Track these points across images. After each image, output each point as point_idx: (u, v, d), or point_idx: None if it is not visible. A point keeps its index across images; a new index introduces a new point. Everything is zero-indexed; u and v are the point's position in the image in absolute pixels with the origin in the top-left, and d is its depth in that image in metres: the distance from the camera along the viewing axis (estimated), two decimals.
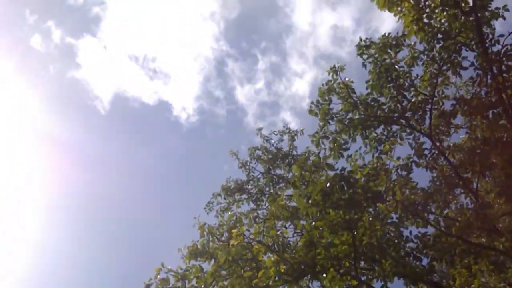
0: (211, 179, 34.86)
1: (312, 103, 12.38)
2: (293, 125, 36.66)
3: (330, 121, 12.68)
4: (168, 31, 38.41)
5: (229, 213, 15.03)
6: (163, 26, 37.13)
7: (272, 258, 9.71)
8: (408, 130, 12.77)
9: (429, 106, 12.64)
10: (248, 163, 19.48)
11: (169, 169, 36.68)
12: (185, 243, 11.74)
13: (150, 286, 10.55)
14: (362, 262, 10.90)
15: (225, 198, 19.33)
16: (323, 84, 12.40)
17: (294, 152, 18.81)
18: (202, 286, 10.57)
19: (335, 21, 37.32)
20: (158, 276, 10.89)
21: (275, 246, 10.53)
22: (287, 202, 12.91)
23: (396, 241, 10.88)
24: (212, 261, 11.28)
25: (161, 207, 35.13)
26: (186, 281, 11.07)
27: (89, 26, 34.86)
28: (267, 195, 18.96)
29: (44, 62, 33.80)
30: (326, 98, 12.45)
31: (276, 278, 9.35)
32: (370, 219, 10.45)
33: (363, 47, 12.40)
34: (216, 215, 18.85)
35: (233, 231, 10.05)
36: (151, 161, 35.43)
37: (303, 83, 37.72)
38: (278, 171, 19.11)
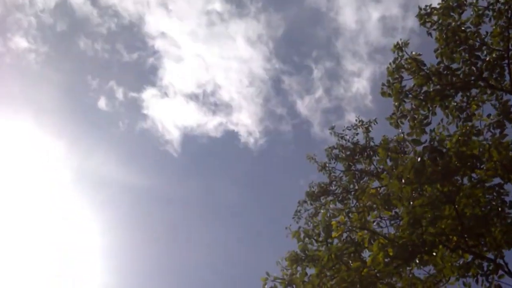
0: (289, 196, 34.80)
1: (383, 84, 12.10)
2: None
3: (405, 99, 12.28)
4: (221, 62, 39.13)
5: (321, 212, 14.78)
6: (215, 59, 37.87)
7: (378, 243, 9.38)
8: (488, 91, 12.15)
9: (506, 61, 11.99)
10: (327, 164, 19.26)
11: (246, 195, 37.02)
12: (273, 267, 11.61)
13: None
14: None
15: (311, 204, 19.16)
16: (390, 64, 12.08)
17: (372, 144, 18.40)
18: None
19: (382, 12, 36.66)
20: (266, 286, 10.86)
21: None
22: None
23: (499, 208, 10.25)
24: (312, 270, 11.07)
25: (247, 234, 35.36)
26: (294, 286, 10.97)
27: (147, 77, 36.28)
28: (352, 192, 18.62)
29: (113, 121, 35.41)
30: (396, 76, 12.10)
31: (386, 262, 9.02)
32: (469, 188, 9.94)
33: (424, 16, 12.01)
34: (306, 222, 18.70)
35: (333, 222, 9.84)
36: (228, 192, 35.91)
37: (362, 81, 37.15)
38: (359, 166, 18.77)
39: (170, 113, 37.41)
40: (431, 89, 12.17)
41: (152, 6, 35.15)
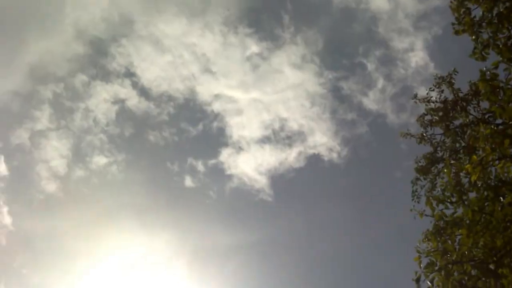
0: (392, 190, 33.88)
1: (453, 24, 11.56)
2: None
3: (480, 30, 11.65)
4: (278, 97, 39.46)
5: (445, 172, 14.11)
6: (272, 97, 38.25)
7: None
8: None
9: None
10: (424, 134, 18.57)
11: (352, 207, 36.32)
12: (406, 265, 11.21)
13: None
14: None
15: (424, 179, 18.44)
16: (451, 1, 11.55)
17: (460, 94, 17.57)
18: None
19: None
20: (421, 265, 10.39)
21: None
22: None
23: None
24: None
25: (368, 243, 34.59)
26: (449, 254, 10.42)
27: (218, 140, 37.21)
28: (461, 150, 17.77)
29: (204, 192, 36.32)
30: (463, 10, 11.54)
31: None
32: None
33: None
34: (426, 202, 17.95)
35: (467, 166, 9.28)
36: (332, 210, 35.48)
37: (417, 53, 36.11)
38: (456, 122, 17.94)
39: (251, 163, 37.80)
40: (502, 9, 11.48)
41: (198, 76, 36.33)
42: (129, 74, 36.04)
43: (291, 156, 35.68)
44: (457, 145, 18.03)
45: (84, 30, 34.86)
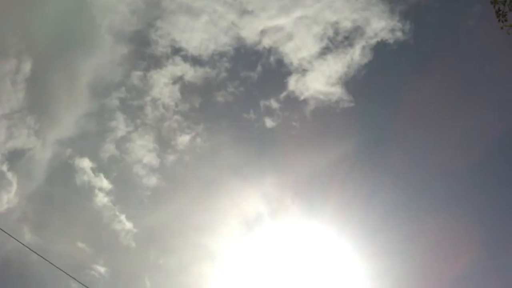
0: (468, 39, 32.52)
1: None
2: None
3: None
4: (321, 4, 38.52)
5: None
6: (316, 7, 37.40)
7: None
8: None
9: None
10: None
11: (438, 77, 34.92)
12: None
13: None
14: None
15: None
16: None
17: None
18: None
19: None
20: None
21: None
22: None
23: None
24: None
25: None
26: None
27: (280, 72, 36.72)
28: None
29: (288, 126, 36.52)
30: None
31: None
32: None
33: None
34: None
35: None
36: (427, 83, 34.31)
37: None
38: None
39: (320, 79, 36.95)
40: None
41: (238, 22, 36.08)
42: (176, 50, 36.48)
43: (356, 54, 35.01)
44: None
45: (120, 31, 35.53)
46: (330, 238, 34.52)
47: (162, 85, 36.27)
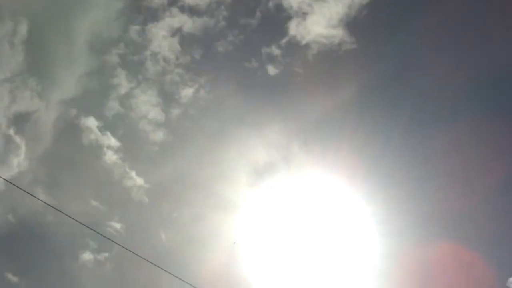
0: None
1: None
2: None
3: None
4: None
5: None
6: None
7: None
8: None
9: None
10: None
11: None
12: None
13: None
14: None
15: None
16: None
17: None
18: None
19: None
20: None
21: None
22: None
23: None
24: None
25: None
26: None
27: (280, 17, 35.63)
28: None
29: (290, 73, 35.80)
30: None
31: None
32: None
33: None
34: None
35: None
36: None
37: None
38: None
39: (321, 22, 35.92)
40: None
41: None
42: (172, 1, 35.66)
43: None
44: None
45: None
46: (340, 183, 34.74)
47: (161, 38, 35.66)
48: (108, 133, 34.59)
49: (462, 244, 32.21)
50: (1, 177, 15.13)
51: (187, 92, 35.65)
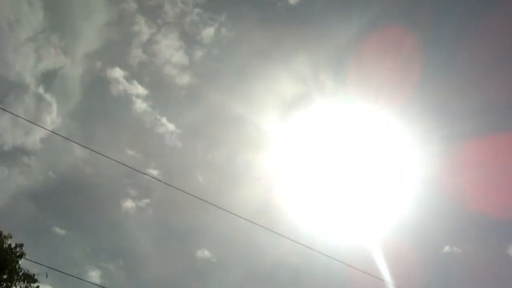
0: None
1: None
2: None
3: None
4: None
5: None
6: None
7: None
8: None
9: None
10: None
11: None
12: None
13: None
14: None
15: None
16: None
17: None
18: None
19: None
20: None
21: None
22: None
23: None
24: None
25: None
26: None
27: None
28: None
29: None
30: None
31: None
32: None
33: None
34: None
35: None
36: None
37: None
38: None
39: None
40: None
41: None
42: None
43: None
44: None
45: None
46: (376, 110, 33.83)
47: None
48: (135, 82, 34.59)
49: None
50: (49, 130, 15.13)
51: (208, 32, 35.01)
